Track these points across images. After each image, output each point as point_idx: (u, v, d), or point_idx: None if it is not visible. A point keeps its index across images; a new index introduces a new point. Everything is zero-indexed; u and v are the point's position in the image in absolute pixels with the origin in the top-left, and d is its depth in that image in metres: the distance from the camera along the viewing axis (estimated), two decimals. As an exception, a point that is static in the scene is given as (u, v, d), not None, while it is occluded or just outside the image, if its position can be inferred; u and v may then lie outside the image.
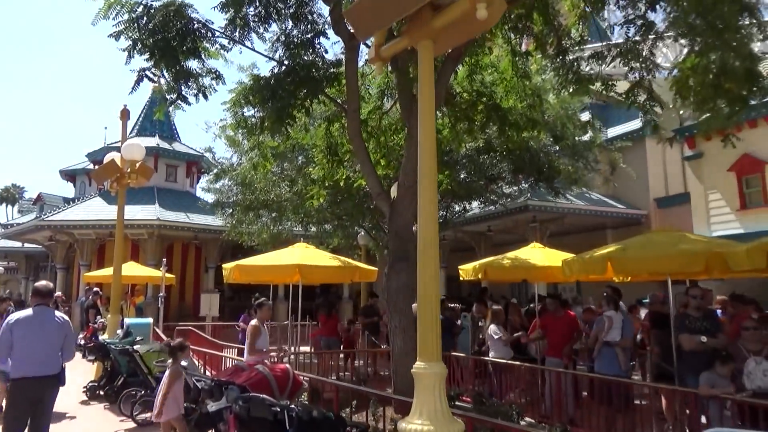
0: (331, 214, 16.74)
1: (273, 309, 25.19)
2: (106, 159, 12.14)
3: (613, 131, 21.04)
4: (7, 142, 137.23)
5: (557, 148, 14.20)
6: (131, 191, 24.95)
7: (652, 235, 7.94)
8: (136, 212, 21.78)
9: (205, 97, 8.24)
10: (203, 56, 8.07)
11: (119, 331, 10.35)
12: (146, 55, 7.20)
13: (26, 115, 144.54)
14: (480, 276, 9.89)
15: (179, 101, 8.10)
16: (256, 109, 8.60)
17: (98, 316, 14.04)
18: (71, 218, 21.47)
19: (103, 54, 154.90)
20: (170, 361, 6.33)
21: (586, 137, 15.42)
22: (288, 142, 9.34)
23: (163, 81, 7.97)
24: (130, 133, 26.55)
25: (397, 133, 9.87)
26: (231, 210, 16.83)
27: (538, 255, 9.91)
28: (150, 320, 13.11)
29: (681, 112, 14.28)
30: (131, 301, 17.86)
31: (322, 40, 8.68)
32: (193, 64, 8.02)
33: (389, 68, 9.77)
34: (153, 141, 24.97)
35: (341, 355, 11.58)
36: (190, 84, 8.11)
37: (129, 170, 11.41)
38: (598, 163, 15.58)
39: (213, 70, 8.26)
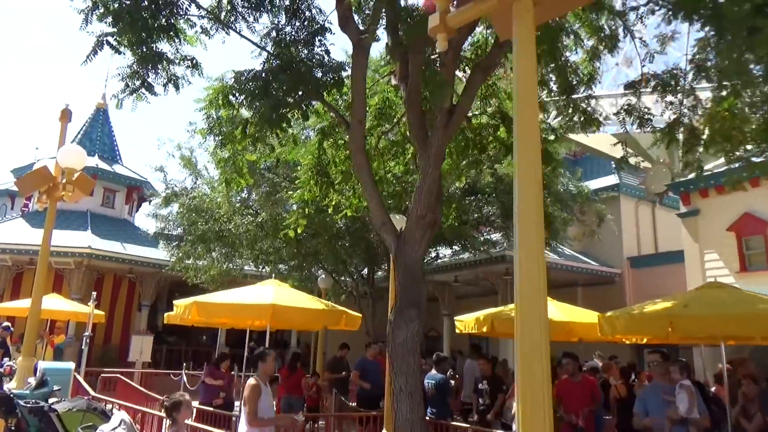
0: (293, 252, 15.08)
1: (210, 356, 22.85)
2: (37, 166, 10.14)
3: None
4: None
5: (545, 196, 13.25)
6: (61, 214, 22.30)
7: (707, 291, 6.78)
8: (65, 238, 19.21)
9: (177, 87, 6.64)
10: (179, 38, 6.53)
11: (31, 379, 8.15)
12: (108, 21, 5.57)
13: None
14: (485, 329, 8.45)
15: (143, 90, 6.45)
16: (238, 108, 7.05)
17: (5, 358, 11.58)
18: (-16, 240, 18.68)
19: (32, 69, 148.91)
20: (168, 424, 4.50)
21: (572, 187, 14.62)
22: (270, 156, 7.75)
23: (126, 60, 6.31)
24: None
25: (396, 157, 8.47)
26: (177, 241, 14.84)
27: (551, 308, 8.59)
28: (71, 365, 10.84)
29: (679, 164, 13.68)
30: (50, 340, 15.25)
31: (327, 36, 7.29)
32: (164, 46, 6.44)
33: (392, 80, 8.56)
34: (92, 161, 22.57)
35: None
36: (158, 70, 6.49)
37: (64, 181, 9.41)
38: (584, 214, 14.73)
39: (189, 58, 6.69)
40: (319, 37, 7.18)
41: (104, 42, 5.66)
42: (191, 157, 13.58)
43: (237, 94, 6.85)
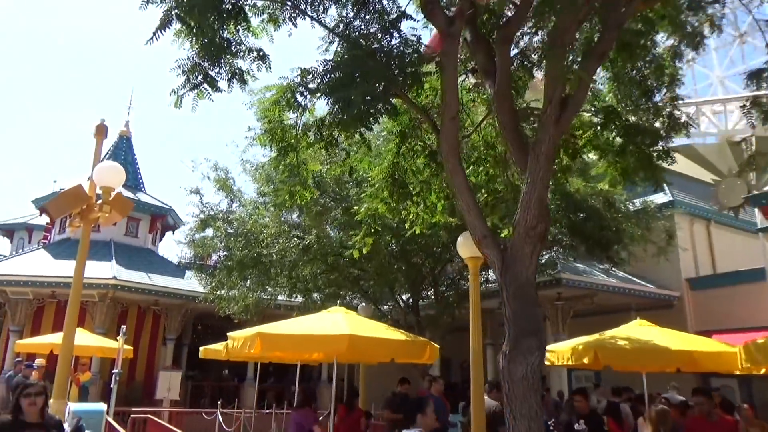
0: (329, 280, 14.04)
1: (239, 392, 21.63)
2: (69, 186, 9.20)
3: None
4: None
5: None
6: (83, 245, 21.47)
7: None
8: (88, 269, 18.26)
9: (243, 82, 5.73)
10: (246, 24, 5.65)
11: (66, 426, 7.10)
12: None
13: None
14: (586, 360, 7.31)
15: (206, 85, 5.53)
16: (304, 110, 6.12)
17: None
18: (4, 272, 17.77)
19: (45, 109, 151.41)
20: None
21: (637, 203, 13.56)
22: (342, 165, 6.77)
23: (186, 51, 5.40)
24: (89, 179, 23.38)
25: (477, 165, 7.46)
26: (212, 268, 13.85)
27: (661, 336, 7.47)
28: (103, 407, 9.82)
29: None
30: (75, 378, 14.15)
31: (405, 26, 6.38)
32: (229, 33, 5.56)
33: (468, 78, 7.62)
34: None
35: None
36: (222, 63, 5.59)
37: (100, 201, 8.49)
38: (649, 231, 13.58)
39: (256, 48, 5.80)
40: (399, 24, 6.29)
41: (173, 16, 4.76)
42: (227, 179, 12.69)
43: (307, 92, 5.95)
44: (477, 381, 7.06)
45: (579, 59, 6.31)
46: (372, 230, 7.54)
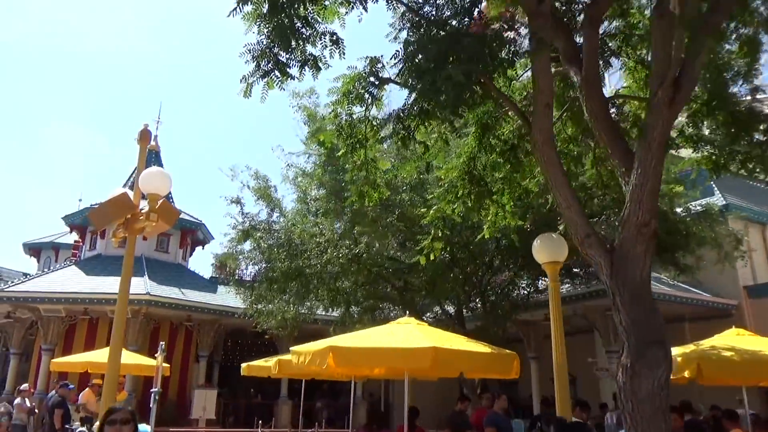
0: (369, 291, 13.47)
1: (273, 411, 21.00)
2: (113, 194, 8.71)
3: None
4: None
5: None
6: (114, 261, 21.07)
7: None
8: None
9: (317, 69, 5.20)
10: (315, 11, 5.13)
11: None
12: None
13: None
14: (687, 374, 6.58)
15: (276, 72, 5.01)
16: (377, 100, 5.57)
17: (72, 423, 10.03)
18: (37, 289, 17.43)
19: (70, 135, 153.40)
20: None
21: (699, 205, 12.79)
22: (413, 165, 6.16)
23: (255, 36, 4.89)
24: (128, 187, 23.12)
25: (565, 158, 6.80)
26: (251, 282, 13.32)
27: (762, 344, 6.72)
28: (147, 429, 9.25)
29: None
30: (110, 397, 13.67)
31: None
32: (301, 14, 5.05)
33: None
34: (144, 204, 21.47)
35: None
36: (293, 48, 5.07)
37: (147, 210, 8.00)
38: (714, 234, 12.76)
39: (329, 33, 5.27)
40: (472, 10, 5.73)
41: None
42: (267, 187, 12.19)
43: (378, 82, 5.41)
44: (563, 398, 6.39)
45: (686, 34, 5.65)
46: (441, 234, 6.94)
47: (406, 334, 6.31)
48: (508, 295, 12.90)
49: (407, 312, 15.13)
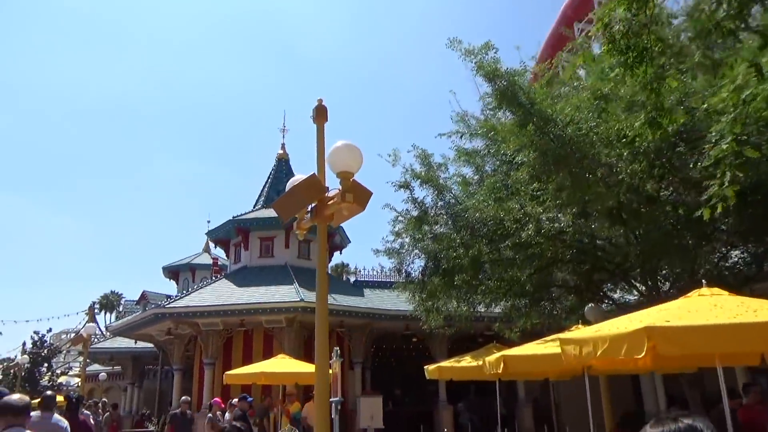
0: (538, 281, 11.78)
1: (433, 418, 19.73)
2: (291, 183, 7.70)
3: None
4: (104, 250, 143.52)
5: None
6: (260, 271, 20.93)
7: None
8: (273, 294, 17.52)
9: None
10: None
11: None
12: None
13: (120, 225, 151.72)
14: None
15: None
16: None
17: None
18: (196, 304, 17.42)
19: (188, 167, 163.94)
20: None
21: None
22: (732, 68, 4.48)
23: None
24: (255, 205, 23.13)
25: None
26: (419, 277, 12.08)
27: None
28: None
29: None
30: (285, 410, 13.06)
31: None
32: None
33: None
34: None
35: None
36: None
37: (342, 189, 6.88)
38: None
39: None
40: None
41: None
42: (439, 166, 10.96)
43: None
44: None
45: None
46: (735, 176, 5.18)
47: (746, 307, 4.57)
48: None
49: (584, 301, 13.34)
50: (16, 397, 4.11)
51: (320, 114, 7.87)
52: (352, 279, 21.50)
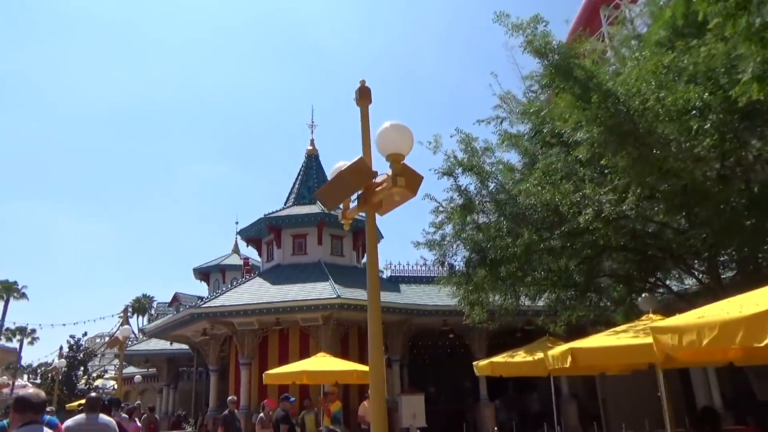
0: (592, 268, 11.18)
1: (476, 415, 19.20)
2: (335, 170, 7.25)
3: None
4: (134, 255, 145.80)
5: None
6: (294, 268, 20.60)
7: None
8: (308, 291, 17.16)
9: None
10: None
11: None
12: None
13: (149, 230, 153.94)
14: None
15: None
16: None
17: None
18: (232, 303, 17.16)
19: (214, 170, 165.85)
20: None
21: None
22: None
23: None
24: (286, 203, 22.83)
25: None
26: (463, 270, 11.54)
27: None
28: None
29: None
30: (326, 409, 12.67)
31: None
32: None
33: None
34: (315, 208, 20.85)
35: None
36: None
37: (392, 173, 6.41)
38: None
39: None
40: None
41: None
42: (478, 161, 10.42)
43: None
44: None
45: None
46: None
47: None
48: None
49: (633, 291, 12.67)
50: (32, 391, 3.99)
51: (363, 96, 7.37)
52: (386, 275, 21.01)
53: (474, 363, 11.43)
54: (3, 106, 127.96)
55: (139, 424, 13.42)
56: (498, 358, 10.47)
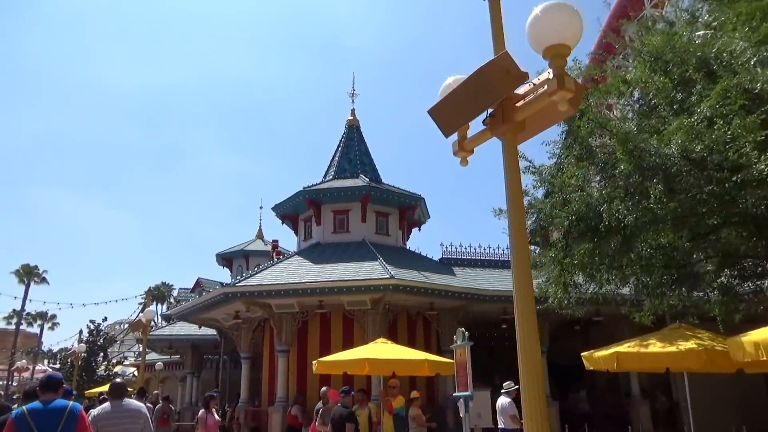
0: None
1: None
2: (446, 88, 5.17)
3: None
4: (154, 243, 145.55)
5: None
6: (337, 247, 18.72)
7: None
8: (356, 271, 15.23)
9: None
10: None
11: None
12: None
13: (171, 219, 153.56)
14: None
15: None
16: None
17: None
18: (271, 282, 15.27)
19: (237, 160, 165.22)
20: None
21: None
22: None
23: None
24: (325, 176, 20.87)
25: None
26: (568, 240, 9.49)
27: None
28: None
29: None
30: (387, 404, 10.76)
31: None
32: None
33: None
34: (359, 181, 18.88)
35: None
36: None
37: (555, 74, 4.34)
38: None
39: None
40: None
41: None
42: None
43: None
44: None
45: None
46: None
47: None
48: None
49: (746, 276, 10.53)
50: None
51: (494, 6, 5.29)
52: (437, 256, 19.03)
53: (582, 354, 9.38)
54: (39, 97, 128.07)
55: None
56: (622, 348, 8.41)
